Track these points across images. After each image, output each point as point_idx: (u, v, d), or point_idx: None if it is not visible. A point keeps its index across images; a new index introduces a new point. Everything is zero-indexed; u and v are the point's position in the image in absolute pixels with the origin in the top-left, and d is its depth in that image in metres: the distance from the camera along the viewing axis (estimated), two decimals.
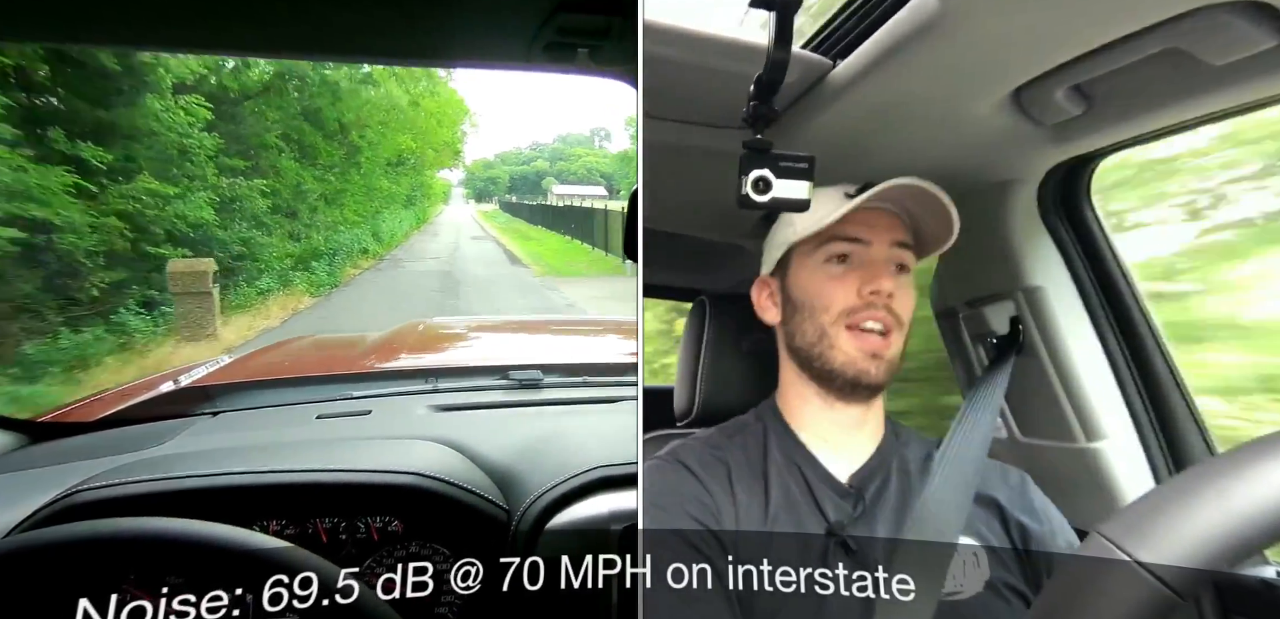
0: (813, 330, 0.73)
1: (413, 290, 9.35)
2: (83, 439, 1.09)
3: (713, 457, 0.74)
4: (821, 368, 0.73)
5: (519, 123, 56.77)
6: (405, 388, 1.29)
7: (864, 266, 0.72)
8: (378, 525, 0.84)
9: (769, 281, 0.80)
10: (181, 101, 6.90)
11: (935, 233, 0.74)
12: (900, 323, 0.72)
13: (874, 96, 0.73)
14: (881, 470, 0.72)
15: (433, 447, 0.97)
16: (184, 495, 0.81)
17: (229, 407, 1.22)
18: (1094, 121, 0.73)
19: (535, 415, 1.16)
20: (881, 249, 0.72)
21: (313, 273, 8.78)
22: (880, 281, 0.71)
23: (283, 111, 9.11)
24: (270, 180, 8.53)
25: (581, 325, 2.64)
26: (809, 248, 0.75)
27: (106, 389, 1.44)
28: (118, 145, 6.02)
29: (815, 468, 0.72)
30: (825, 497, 0.70)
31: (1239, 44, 0.58)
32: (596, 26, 0.78)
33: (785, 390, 0.78)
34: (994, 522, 0.70)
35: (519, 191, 35.02)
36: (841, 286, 0.72)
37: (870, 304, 0.71)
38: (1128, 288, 0.87)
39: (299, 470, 0.85)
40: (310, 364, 1.67)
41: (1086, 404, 0.86)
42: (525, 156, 36.90)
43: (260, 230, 8.12)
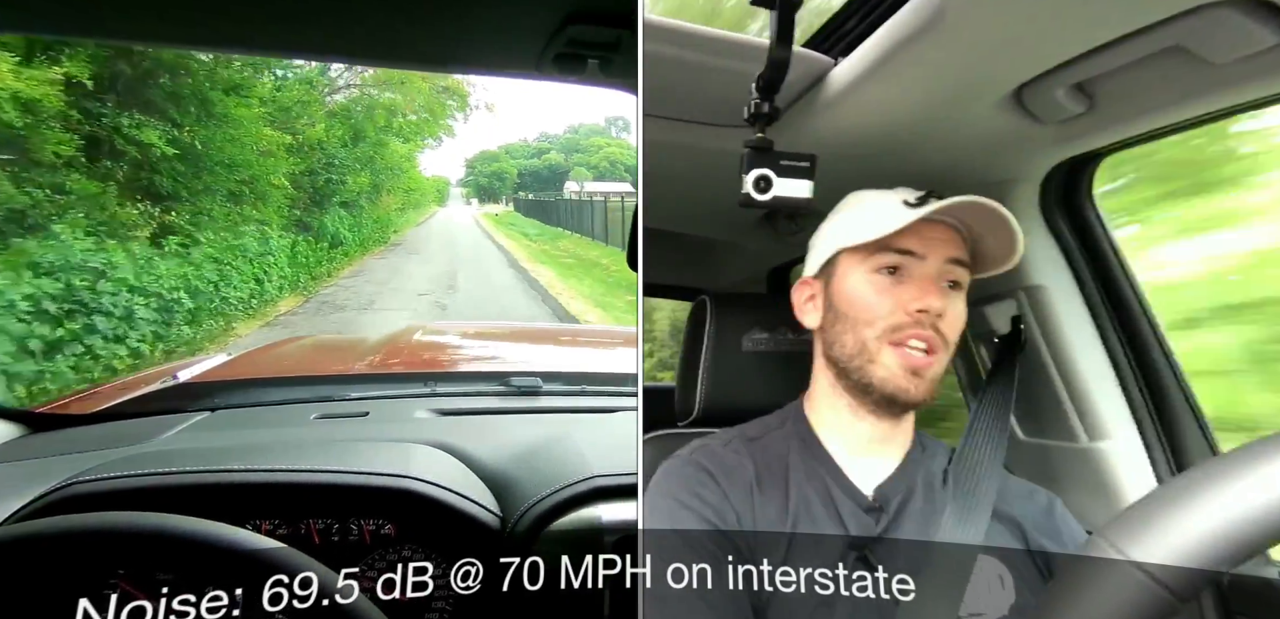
0: (853, 342, 0.70)
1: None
2: (80, 431, 1.09)
3: (735, 460, 0.72)
4: (859, 380, 0.70)
5: (522, 113, 49.43)
6: (404, 391, 1.28)
7: (915, 281, 0.68)
8: (371, 528, 0.84)
9: (812, 283, 0.76)
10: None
11: (996, 252, 0.70)
12: (946, 343, 0.68)
13: (876, 95, 0.73)
14: (906, 484, 0.70)
15: (429, 451, 0.97)
16: (179, 491, 0.81)
17: (227, 404, 1.22)
18: (1095, 120, 0.73)
19: (533, 422, 1.15)
20: (935, 264, 0.68)
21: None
22: (929, 299, 0.67)
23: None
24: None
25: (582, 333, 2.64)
26: (859, 255, 0.71)
27: (105, 382, 1.45)
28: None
29: (840, 480, 0.70)
30: (848, 510, 0.68)
31: (1241, 42, 0.58)
32: (606, 39, 0.78)
33: (816, 396, 0.76)
34: (1014, 541, 0.68)
35: (530, 188, 29.35)
36: (889, 300, 0.69)
37: (917, 322, 0.67)
38: (1129, 286, 0.87)
39: (294, 470, 0.85)
40: (310, 364, 1.67)
41: (1088, 403, 0.86)
42: (535, 149, 31.24)
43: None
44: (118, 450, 0.98)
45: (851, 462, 0.72)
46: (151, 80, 6.12)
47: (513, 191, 29.89)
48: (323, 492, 0.84)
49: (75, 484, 0.80)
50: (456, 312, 7.31)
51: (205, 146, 6.64)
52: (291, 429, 1.13)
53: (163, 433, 1.07)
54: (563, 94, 52.33)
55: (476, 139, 48.19)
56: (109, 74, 5.71)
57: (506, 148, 31.39)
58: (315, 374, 1.47)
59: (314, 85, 8.95)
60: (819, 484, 0.70)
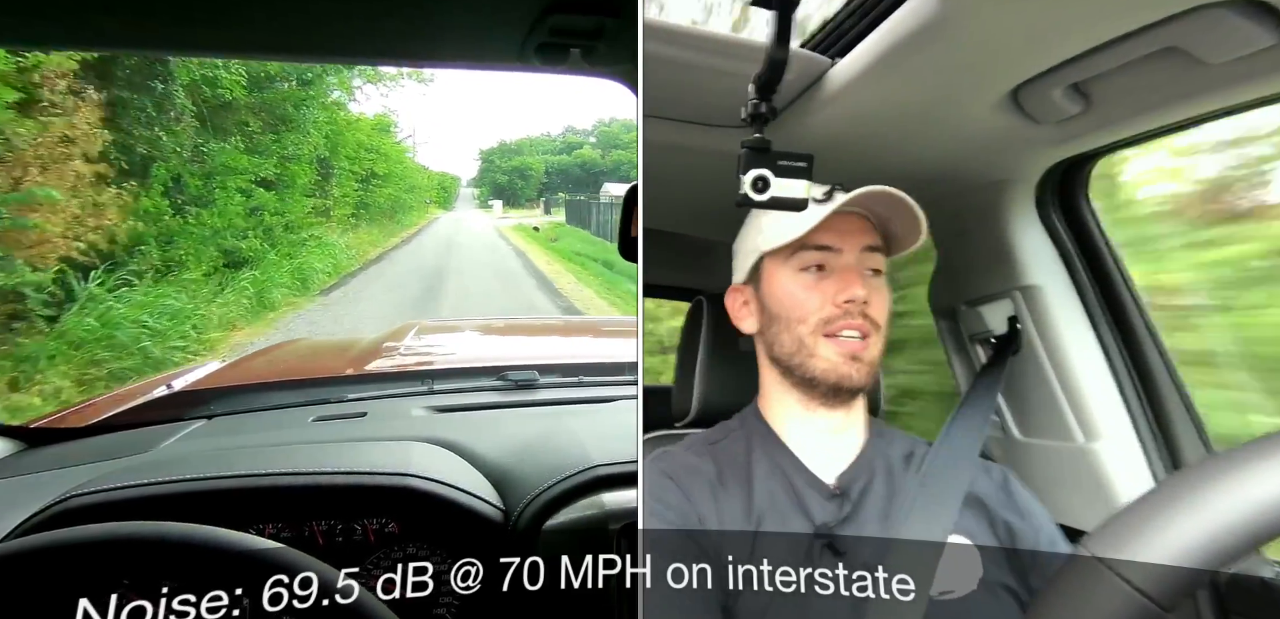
0: (791, 340, 0.73)
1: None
2: (78, 444, 1.08)
3: (695, 463, 0.74)
4: (803, 375, 0.73)
5: (539, 106, 42.45)
6: (401, 390, 1.28)
7: (837, 274, 0.72)
8: (374, 527, 0.84)
9: (743, 290, 0.79)
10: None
11: (903, 234, 0.74)
12: (877, 326, 0.72)
13: (873, 95, 0.73)
14: (867, 471, 0.72)
15: (429, 448, 0.97)
16: (179, 499, 0.81)
17: (224, 410, 1.21)
18: (1092, 120, 0.74)
19: (532, 416, 1.15)
20: (852, 255, 0.72)
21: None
22: (854, 289, 0.70)
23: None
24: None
25: (578, 326, 2.64)
26: (781, 257, 0.74)
27: (101, 395, 1.44)
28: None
29: (801, 472, 0.72)
30: (811, 500, 0.70)
31: (1237, 42, 0.58)
32: (589, 27, 0.78)
33: (767, 395, 0.78)
34: (980, 520, 0.70)
35: (560, 189, 23.96)
36: (816, 296, 0.72)
37: (846, 312, 0.71)
38: (1125, 286, 0.87)
39: (294, 473, 0.85)
40: (306, 367, 1.66)
41: (1084, 403, 0.86)
42: (563, 143, 25.74)
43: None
44: (115, 461, 0.97)
45: (811, 453, 0.73)
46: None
47: (537, 194, 24.20)
48: (324, 493, 0.84)
49: (74, 497, 0.80)
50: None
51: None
52: (290, 432, 1.13)
53: (160, 442, 1.07)
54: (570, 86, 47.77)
55: (492, 130, 39.79)
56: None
57: (527, 140, 26.07)
58: (311, 376, 1.46)
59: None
60: (781, 478, 0.72)
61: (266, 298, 5.85)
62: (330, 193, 7.12)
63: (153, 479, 0.82)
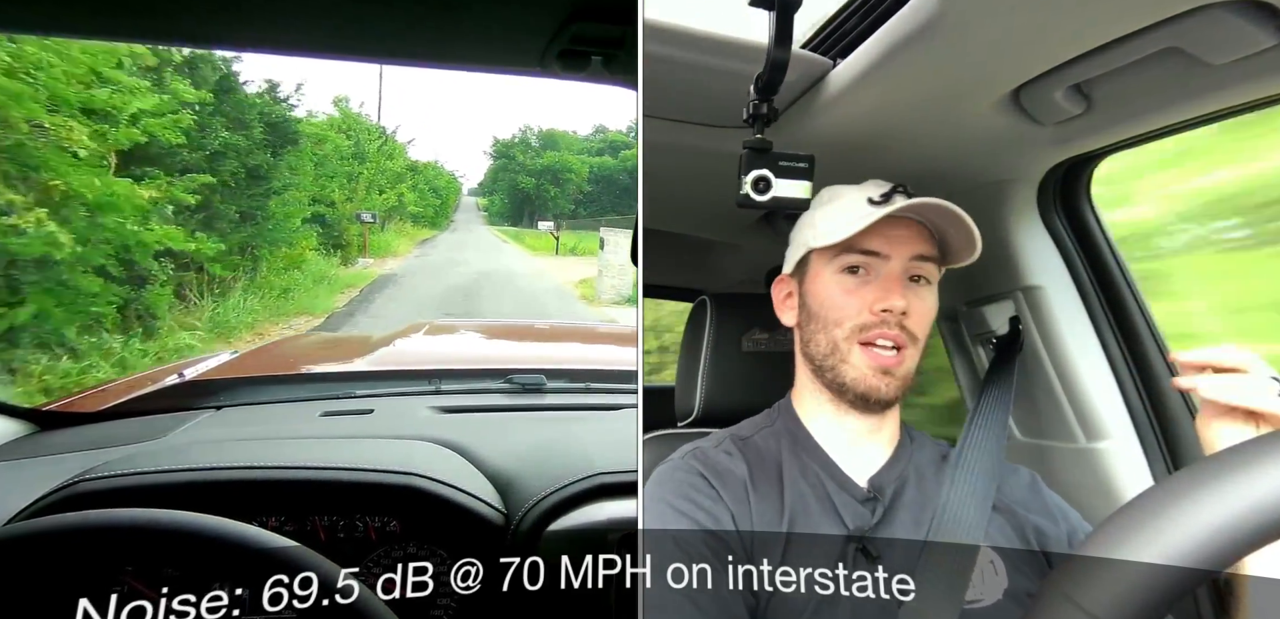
0: (825, 342, 0.72)
1: None
2: (88, 429, 1.10)
3: (728, 462, 0.73)
4: (833, 379, 0.72)
5: (558, 101, 35.31)
6: (408, 388, 1.29)
7: (879, 281, 0.70)
8: (376, 525, 0.85)
9: (788, 281, 0.78)
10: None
11: (959, 247, 0.72)
12: (914, 339, 0.70)
13: (874, 96, 0.73)
14: (898, 475, 0.71)
15: (433, 448, 0.98)
16: (186, 487, 0.82)
17: (233, 401, 1.23)
18: (1093, 121, 0.73)
19: (537, 420, 1.16)
20: (899, 262, 0.70)
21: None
22: (893, 299, 0.68)
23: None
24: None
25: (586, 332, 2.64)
26: (827, 255, 0.73)
27: (113, 381, 1.46)
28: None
29: (833, 472, 0.71)
30: (843, 502, 0.69)
31: (1238, 43, 0.58)
32: (611, 36, 0.78)
33: (801, 391, 0.77)
34: (1007, 526, 0.69)
35: (603, 198, 18.52)
36: (855, 300, 0.70)
37: (883, 321, 0.69)
38: (1127, 286, 0.87)
39: (300, 467, 0.86)
40: (315, 361, 1.67)
41: (1087, 404, 0.86)
42: (602, 142, 19.41)
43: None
44: (125, 447, 0.99)
45: (843, 454, 0.72)
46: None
47: (569, 205, 17.77)
48: (329, 488, 0.85)
49: (83, 481, 0.81)
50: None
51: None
52: (297, 426, 1.14)
53: (169, 430, 1.08)
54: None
55: (501, 122, 29.79)
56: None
57: (552, 134, 19.38)
58: (320, 371, 1.48)
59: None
60: (813, 478, 0.71)
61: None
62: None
63: (159, 467, 0.84)
